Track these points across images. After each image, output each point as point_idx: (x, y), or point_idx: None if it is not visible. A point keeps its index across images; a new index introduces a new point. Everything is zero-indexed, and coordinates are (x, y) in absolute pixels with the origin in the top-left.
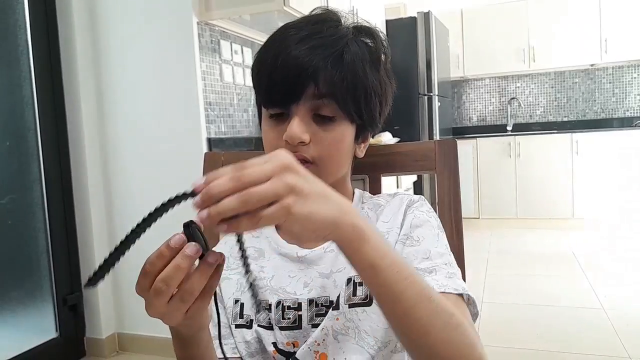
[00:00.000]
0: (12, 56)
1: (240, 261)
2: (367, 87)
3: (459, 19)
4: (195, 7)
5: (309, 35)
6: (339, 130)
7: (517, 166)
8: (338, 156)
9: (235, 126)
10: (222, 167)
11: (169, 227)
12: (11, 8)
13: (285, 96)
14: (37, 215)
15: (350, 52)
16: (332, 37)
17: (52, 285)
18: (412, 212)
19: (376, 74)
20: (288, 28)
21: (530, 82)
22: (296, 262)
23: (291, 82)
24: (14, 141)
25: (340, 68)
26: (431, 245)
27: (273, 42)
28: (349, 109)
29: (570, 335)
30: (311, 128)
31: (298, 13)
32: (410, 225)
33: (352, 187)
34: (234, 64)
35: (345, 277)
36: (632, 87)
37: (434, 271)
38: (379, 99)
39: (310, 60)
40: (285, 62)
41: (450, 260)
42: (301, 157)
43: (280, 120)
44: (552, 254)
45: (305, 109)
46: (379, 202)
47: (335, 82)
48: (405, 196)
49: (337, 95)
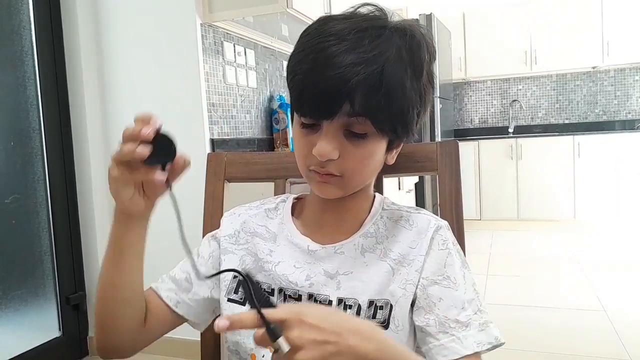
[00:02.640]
0: (16, 57)
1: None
2: (404, 106)
3: (461, 22)
4: (198, 9)
5: (349, 49)
6: (369, 146)
7: (519, 168)
8: (366, 171)
9: (238, 127)
10: (226, 168)
11: (170, 225)
12: (16, 9)
13: (320, 112)
14: (40, 214)
15: (390, 69)
16: (372, 53)
17: (55, 284)
18: (444, 245)
19: (417, 85)
20: (329, 34)
21: (532, 85)
22: (305, 254)
23: (326, 99)
24: (18, 141)
25: (378, 88)
26: (462, 291)
27: (312, 46)
28: (383, 128)
29: (571, 337)
30: (341, 143)
31: (301, 15)
32: (444, 264)
33: (372, 190)
34: (237, 66)
35: (367, 299)
36: (634, 89)
37: (468, 325)
38: (417, 112)
39: (348, 80)
40: (322, 78)
41: (480, 305)
42: (327, 173)
43: (311, 130)
44: (554, 255)
45: (337, 125)
46: (400, 213)
47: (371, 102)
48: (432, 219)
49: (371, 115)
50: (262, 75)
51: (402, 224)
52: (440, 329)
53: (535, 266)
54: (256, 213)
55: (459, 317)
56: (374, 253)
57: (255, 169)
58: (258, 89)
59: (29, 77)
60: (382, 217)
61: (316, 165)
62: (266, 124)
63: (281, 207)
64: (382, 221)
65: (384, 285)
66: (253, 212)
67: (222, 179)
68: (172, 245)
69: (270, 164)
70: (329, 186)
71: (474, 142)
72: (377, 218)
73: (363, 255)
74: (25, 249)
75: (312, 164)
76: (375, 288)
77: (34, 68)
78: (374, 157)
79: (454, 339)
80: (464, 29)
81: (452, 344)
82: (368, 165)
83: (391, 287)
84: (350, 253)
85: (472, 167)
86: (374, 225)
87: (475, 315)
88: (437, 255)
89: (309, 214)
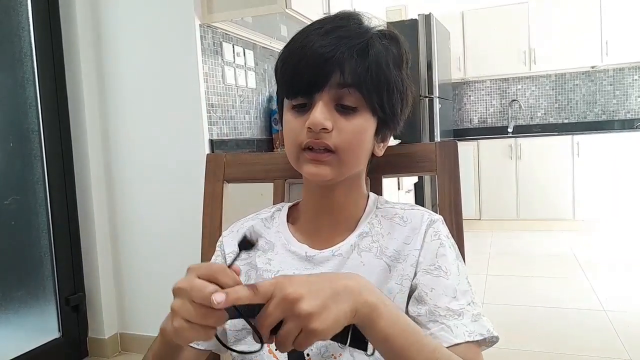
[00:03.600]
0: (15, 57)
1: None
2: (390, 81)
3: (460, 21)
4: (197, 10)
5: (334, 28)
6: (360, 120)
7: (518, 168)
8: (358, 147)
9: (237, 128)
10: (225, 169)
11: (170, 226)
12: (15, 10)
13: (310, 85)
14: (40, 215)
15: (375, 46)
16: (357, 31)
17: (54, 286)
18: (437, 236)
19: (399, 73)
20: (311, 25)
21: (531, 84)
22: (304, 261)
23: (317, 70)
24: (18, 142)
25: (366, 59)
26: (455, 281)
27: (297, 38)
28: (372, 100)
29: (570, 336)
30: (333, 116)
31: (300, 16)
32: (436, 254)
33: (367, 190)
34: (236, 66)
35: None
36: (633, 89)
37: (461, 314)
38: (400, 96)
39: (336, 49)
40: (311, 52)
41: (473, 298)
42: (322, 145)
43: (303, 110)
44: (553, 255)
45: (328, 97)
46: (394, 211)
47: (360, 72)
48: (426, 214)
49: (361, 86)
50: (261, 75)
51: (396, 221)
52: (431, 317)
53: (535, 266)
54: (254, 225)
55: (450, 305)
56: (370, 252)
57: (254, 170)
58: (257, 89)
59: (28, 78)
60: (377, 215)
61: (310, 139)
62: (265, 124)
63: (277, 215)
64: (376, 219)
65: (381, 283)
66: (249, 224)
67: (221, 179)
68: (174, 247)
69: (270, 165)
70: (323, 167)
71: (473, 142)
72: (372, 217)
73: (360, 255)
74: (24, 250)
75: (306, 139)
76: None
77: (33, 69)
78: (365, 134)
79: (444, 328)
80: (463, 29)
81: (442, 332)
82: (359, 141)
83: (389, 284)
84: (347, 254)
85: (471, 167)
86: (368, 224)
87: (469, 306)
88: (429, 246)
89: (305, 219)
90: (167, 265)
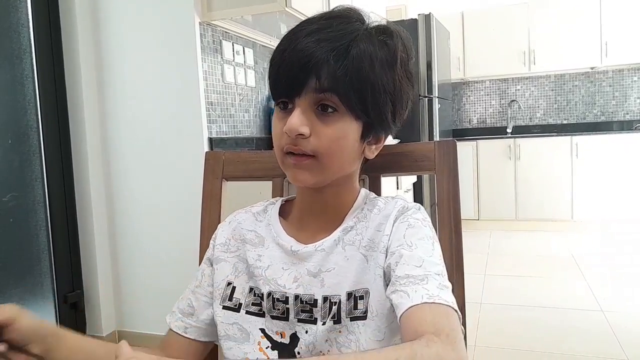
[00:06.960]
0: (14, 54)
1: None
2: (374, 83)
3: (460, 21)
4: (197, 8)
5: (317, 29)
6: (339, 125)
7: (517, 168)
8: (339, 152)
9: (237, 126)
10: (224, 167)
11: (169, 224)
12: (14, 7)
13: (289, 89)
14: (38, 213)
15: (358, 47)
16: (340, 32)
17: (53, 283)
18: (405, 219)
19: (389, 73)
20: (299, 25)
21: (530, 85)
22: (290, 255)
23: (294, 75)
24: (16, 139)
25: (344, 62)
26: (425, 254)
27: (284, 39)
28: (352, 105)
29: (569, 337)
30: (312, 121)
31: (300, 14)
32: (404, 235)
33: (359, 186)
34: (236, 65)
35: (345, 291)
36: (633, 90)
37: (425, 279)
38: (390, 98)
39: (313, 54)
40: (290, 56)
41: (443, 272)
42: (300, 151)
43: (286, 112)
44: (551, 256)
45: (307, 102)
46: (376, 202)
47: (337, 76)
48: (402, 202)
49: (338, 90)
50: (260, 74)
51: (375, 212)
52: (392, 289)
53: (533, 266)
54: (245, 218)
55: (412, 272)
56: (353, 245)
57: (253, 168)
58: (257, 88)
59: (27, 75)
60: (363, 210)
61: (289, 145)
62: (264, 123)
63: (270, 208)
64: (362, 213)
65: (360, 274)
66: (242, 217)
67: (220, 177)
68: (173, 245)
69: (268, 163)
70: (303, 171)
71: (473, 142)
72: (358, 211)
73: (344, 249)
74: (22, 247)
75: (285, 144)
76: (353, 279)
77: (32, 66)
78: (346, 139)
79: (401, 294)
80: (462, 29)
81: (400, 300)
82: (340, 146)
83: (367, 275)
84: (331, 249)
85: (470, 167)
86: (355, 218)
87: (437, 276)
88: (397, 229)
89: (295, 213)
90: (166, 263)
